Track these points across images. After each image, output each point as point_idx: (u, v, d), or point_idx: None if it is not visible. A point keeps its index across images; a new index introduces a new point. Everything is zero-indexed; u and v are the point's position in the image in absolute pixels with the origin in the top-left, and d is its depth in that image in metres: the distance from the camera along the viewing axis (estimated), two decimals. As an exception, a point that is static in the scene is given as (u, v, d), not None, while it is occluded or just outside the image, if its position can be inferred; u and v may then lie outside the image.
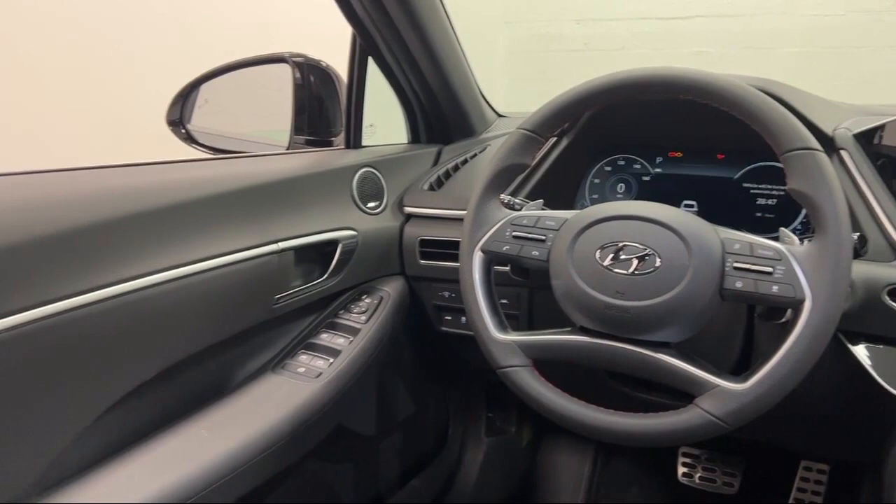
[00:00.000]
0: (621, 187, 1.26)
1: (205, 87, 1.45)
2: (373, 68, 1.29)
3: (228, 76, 1.42)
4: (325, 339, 1.12)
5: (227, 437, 0.90)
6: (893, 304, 0.89)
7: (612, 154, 1.27)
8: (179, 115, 1.46)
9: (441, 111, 1.39)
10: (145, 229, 0.85)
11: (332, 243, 1.12)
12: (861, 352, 0.93)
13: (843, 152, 0.96)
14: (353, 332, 1.13)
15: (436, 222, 1.24)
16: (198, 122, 1.48)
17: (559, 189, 1.25)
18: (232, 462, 0.88)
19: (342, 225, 1.15)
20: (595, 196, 1.28)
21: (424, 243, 1.24)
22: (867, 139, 0.95)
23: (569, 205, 1.27)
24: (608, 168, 1.27)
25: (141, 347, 0.84)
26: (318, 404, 1.02)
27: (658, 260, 0.81)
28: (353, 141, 1.31)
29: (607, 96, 0.89)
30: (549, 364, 0.90)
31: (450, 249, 1.17)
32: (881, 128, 0.95)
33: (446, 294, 1.25)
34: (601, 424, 0.84)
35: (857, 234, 0.91)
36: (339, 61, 1.31)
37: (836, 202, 0.76)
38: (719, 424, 0.77)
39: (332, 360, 1.08)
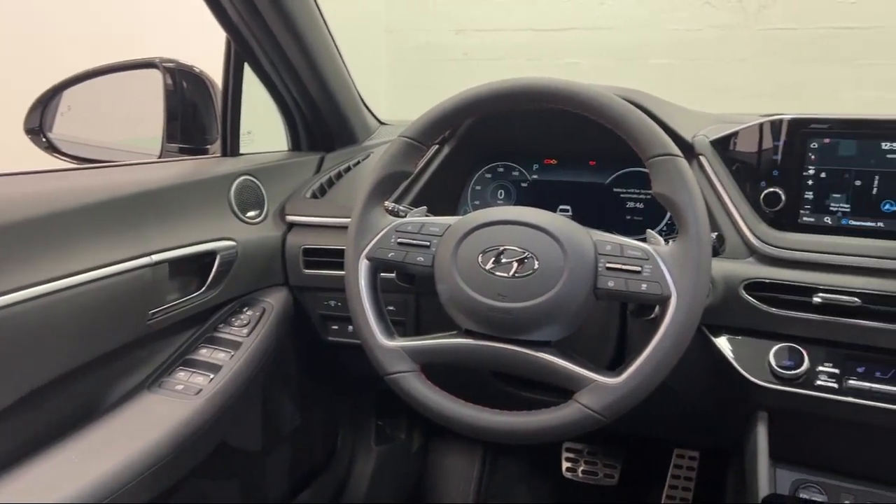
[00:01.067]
0: (501, 193, 1.29)
1: (68, 93, 1.36)
2: (250, 74, 1.26)
3: (93, 81, 1.34)
4: (205, 354, 1.08)
5: (102, 461, 0.85)
6: (750, 297, 0.97)
7: (492, 161, 1.30)
8: (39, 123, 1.36)
9: (322, 118, 1.38)
10: (4, 245, 0.79)
11: (210, 255, 1.08)
12: (723, 343, 1.00)
13: (701, 158, 1.03)
14: (235, 346, 1.10)
15: (319, 231, 1.23)
16: (60, 129, 1.39)
17: (442, 196, 1.26)
18: (107, 486, 0.83)
19: (220, 235, 1.11)
20: (477, 202, 1.30)
21: (308, 252, 1.22)
22: (723, 145, 1.03)
23: (452, 211, 1.29)
24: (489, 175, 1.30)
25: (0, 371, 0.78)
26: (199, 422, 0.98)
27: (536, 262, 0.84)
28: (230, 149, 1.28)
29: (486, 105, 0.91)
30: (437, 368, 0.91)
31: (334, 258, 1.16)
32: (735, 135, 1.02)
33: (332, 303, 1.24)
34: (486, 425, 0.86)
35: (716, 233, 0.98)
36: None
37: (696, 205, 0.81)
38: (597, 417, 0.81)
39: (212, 375, 1.04)
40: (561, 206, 1.23)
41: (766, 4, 2.98)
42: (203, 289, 1.08)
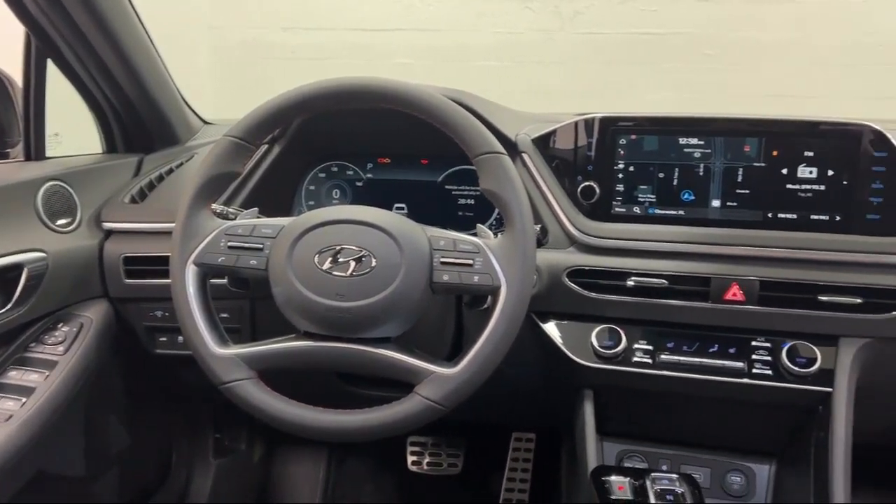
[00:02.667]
0: (336, 193, 1.28)
1: None
2: (56, 71, 1.16)
3: None
4: (15, 376, 0.98)
5: None
6: (572, 284, 1.04)
7: (325, 161, 1.29)
8: None
9: (139, 118, 1.30)
10: None
11: (16, 268, 0.99)
12: (550, 328, 1.07)
13: (524, 155, 1.09)
14: (50, 365, 1.01)
15: (141, 237, 1.15)
16: None
17: (275, 197, 1.24)
18: None
19: (27, 246, 1.01)
20: (311, 202, 1.29)
21: (129, 261, 1.14)
22: (543, 143, 1.09)
23: (286, 212, 1.27)
24: (322, 175, 1.29)
25: None
26: (11, 450, 0.89)
27: (374, 260, 0.85)
28: (35, 152, 1.17)
29: (315, 103, 0.90)
30: (278, 374, 0.89)
31: (159, 265, 1.10)
32: (553, 133, 1.09)
33: (159, 314, 1.17)
34: (330, 425, 0.86)
35: (540, 226, 1.04)
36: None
37: (520, 199, 0.85)
38: (437, 407, 0.83)
39: (24, 399, 0.95)
40: (396, 205, 1.25)
41: (579, 10, 3.19)
42: (10, 305, 0.98)
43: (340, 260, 0.85)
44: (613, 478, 0.91)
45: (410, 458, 1.70)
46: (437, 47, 3.25)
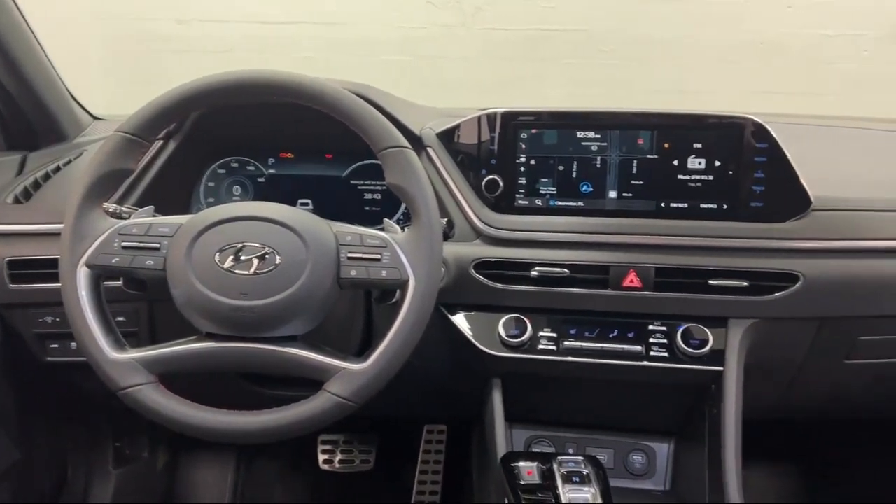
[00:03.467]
0: (237, 189, 1.25)
1: None
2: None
3: None
4: None
5: None
6: (479, 276, 1.05)
7: (225, 156, 1.26)
8: None
9: (21, 113, 1.22)
10: None
11: None
12: (459, 320, 1.08)
13: (429, 149, 1.10)
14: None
15: (26, 239, 1.09)
16: None
17: (172, 194, 1.19)
18: None
19: None
20: (211, 199, 1.25)
21: (14, 265, 1.08)
22: (448, 137, 1.10)
23: (184, 210, 1.22)
24: (222, 171, 1.26)
25: None
26: None
27: (278, 257, 0.83)
28: None
29: (212, 97, 0.88)
30: (179, 377, 0.86)
31: (47, 269, 1.04)
32: (458, 127, 1.10)
33: (49, 319, 1.11)
34: (237, 427, 0.84)
35: (446, 219, 1.05)
36: None
37: (426, 193, 0.86)
38: (347, 404, 0.82)
39: None
40: (301, 201, 1.23)
41: (480, 6, 3.22)
42: None
43: (243, 258, 0.83)
44: (522, 463, 0.94)
45: (322, 457, 1.68)
46: (340, 41, 3.21)
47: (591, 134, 1.06)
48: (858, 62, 3.55)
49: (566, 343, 1.06)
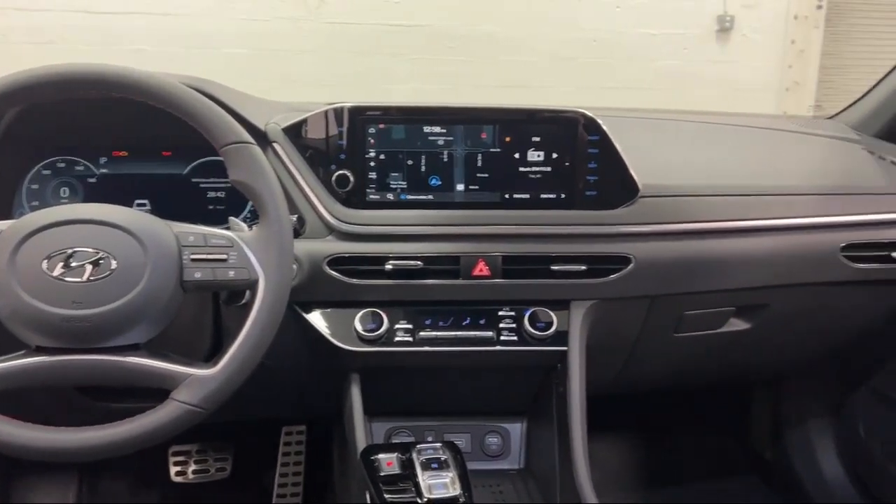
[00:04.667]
0: (65, 191, 1.16)
1: None
2: None
3: None
4: None
5: None
6: (333, 272, 1.05)
7: (50, 156, 1.16)
8: None
9: None
10: None
11: None
12: (314, 317, 1.07)
13: (275, 145, 1.07)
14: None
15: None
16: None
17: (-11, 198, 1.09)
18: None
19: None
20: (36, 203, 1.15)
21: None
22: (294, 132, 1.08)
23: (4, 215, 1.12)
24: (47, 171, 1.16)
25: None
26: None
27: (114, 262, 0.79)
28: None
29: (33, 93, 0.82)
30: (6, 396, 0.79)
31: None
32: (305, 122, 1.08)
33: None
34: (76, 445, 0.79)
35: (296, 215, 1.04)
36: None
37: (273, 189, 0.85)
38: (197, 411, 0.80)
39: None
40: (137, 201, 1.16)
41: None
42: None
43: (74, 264, 0.78)
44: (382, 455, 0.94)
45: (174, 469, 1.60)
46: (177, 33, 3.06)
47: (437, 129, 1.09)
48: (680, 59, 3.87)
49: (422, 333, 1.08)
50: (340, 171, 1.07)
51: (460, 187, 1.10)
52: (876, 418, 1.47)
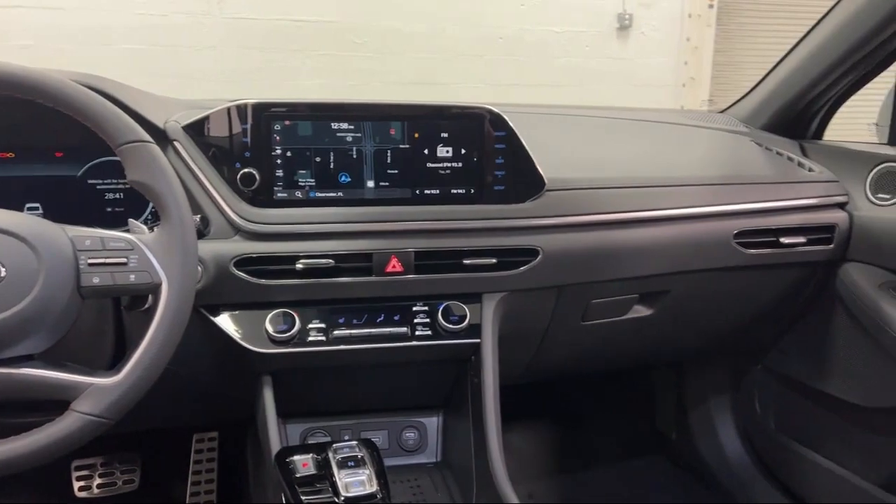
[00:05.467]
0: (-54, 196, 1.09)
1: None
2: None
3: None
4: None
5: None
6: (241, 273, 1.02)
7: None
8: None
9: None
10: None
11: None
12: (222, 320, 1.04)
13: (175, 143, 1.04)
14: None
15: None
16: None
17: None
18: None
19: None
20: None
21: None
22: (196, 130, 1.05)
23: None
24: (-75, 175, 1.08)
25: None
26: None
27: (3, 270, 0.75)
28: None
29: None
30: None
31: None
32: (207, 119, 1.05)
33: None
34: None
35: (199, 216, 1.01)
36: None
37: (174, 189, 0.82)
38: (100, 421, 0.76)
39: None
40: (28, 205, 1.10)
41: (226, -6, 3.10)
42: None
43: (-41, 272, 0.73)
44: (297, 457, 0.93)
45: (77, 484, 1.53)
46: (67, 28, 2.91)
47: (345, 125, 1.08)
48: (583, 57, 3.99)
49: (336, 332, 1.08)
50: (246, 170, 1.05)
51: (370, 184, 1.10)
52: (769, 394, 1.56)
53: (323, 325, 1.07)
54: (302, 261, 1.05)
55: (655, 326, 1.33)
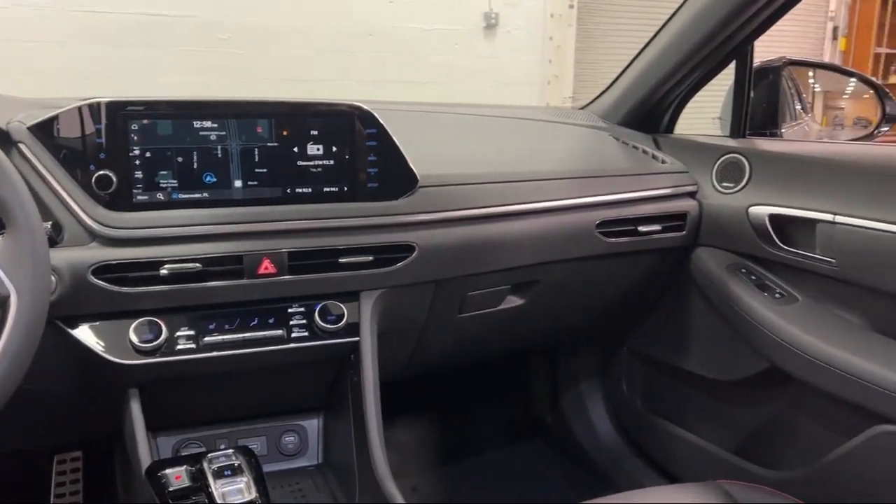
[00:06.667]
0: None
1: None
2: None
3: None
4: None
5: None
6: (100, 281, 0.97)
7: None
8: None
9: None
10: None
11: None
12: (81, 332, 0.98)
13: (21, 145, 0.96)
14: None
15: None
16: None
17: None
18: None
19: None
20: None
21: None
22: (44, 131, 0.98)
23: None
24: None
25: None
26: None
27: None
28: None
29: None
30: None
31: None
32: (55, 119, 0.98)
33: None
34: None
35: (51, 222, 0.94)
36: None
37: (19, 194, 0.76)
38: None
39: None
40: None
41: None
42: None
43: None
44: (169, 470, 0.89)
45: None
46: None
47: (208, 123, 1.04)
48: (452, 54, 4.05)
49: (206, 339, 1.04)
50: (101, 172, 0.99)
51: (238, 183, 1.06)
52: (635, 374, 1.66)
53: (192, 333, 1.03)
54: (166, 266, 1.00)
55: (528, 315, 1.38)
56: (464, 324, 1.30)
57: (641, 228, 1.35)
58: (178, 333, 1.02)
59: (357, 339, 1.11)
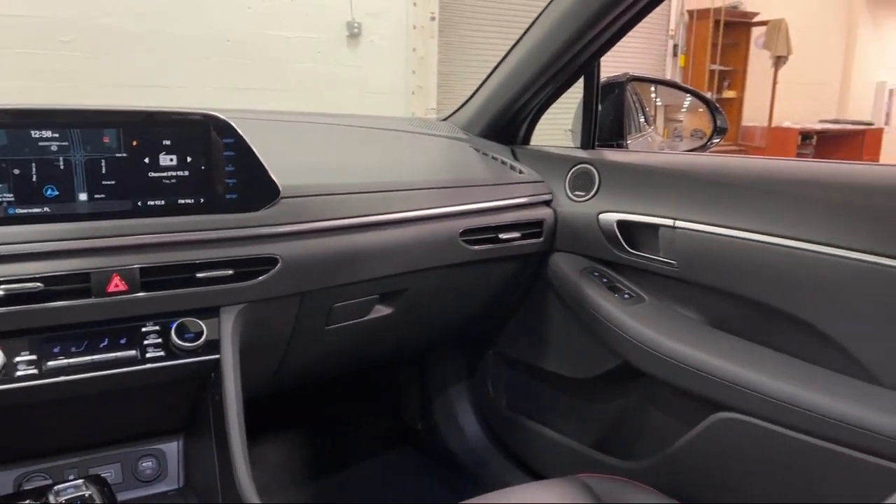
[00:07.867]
0: None
1: None
2: None
3: None
4: None
5: None
6: None
7: None
8: None
9: None
10: None
11: None
12: None
13: None
14: None
15: None
16: None
17: None
18: None
19: None
20: None
21: None
22: None
23: None
24: None
25: None
26: None
27: None
28: None
29: None
30: None
31: None
32: None
33: None
34: None
35: None
36: None
37: None
38: None
39: None
40: None
41: None
42: None
43: None
44: (9, 508, 0.83)
45: None
46: None
47: (48, 133, 0.97)
48: (315, 62, 4.01)
49: (50, 363, 0.97)
50: (-78, 186, 0.90)
51: (83, 197, 1.00)
52: (500, 376, 1.72)
53: (34, 357, 0.96)
54: (2, 287, 0.92)
55: (396, 324, 1.39)
56: (331, 336, 1.29)
57: (502, 236, 1.40)
58: (18, 359, 0.95)
59: (217, 356, 1.07)
